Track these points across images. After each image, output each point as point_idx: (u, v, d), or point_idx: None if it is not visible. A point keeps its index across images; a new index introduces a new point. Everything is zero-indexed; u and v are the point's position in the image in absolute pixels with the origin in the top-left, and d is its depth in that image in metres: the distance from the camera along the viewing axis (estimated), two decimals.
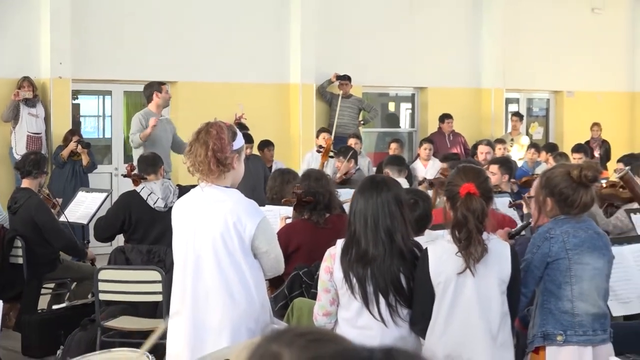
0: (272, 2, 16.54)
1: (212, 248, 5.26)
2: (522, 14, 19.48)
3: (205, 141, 5.21)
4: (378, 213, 5.02)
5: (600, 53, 20.74)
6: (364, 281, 5.01)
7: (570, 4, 20.29)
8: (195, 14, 15.64)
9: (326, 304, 5.20)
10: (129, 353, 4.63)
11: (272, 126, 15.71)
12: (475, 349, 4.99)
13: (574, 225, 5.24)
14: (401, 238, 5.05)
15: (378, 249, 5.00)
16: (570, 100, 20.74)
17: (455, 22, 18.81)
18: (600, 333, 5.21)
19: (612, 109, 20.89)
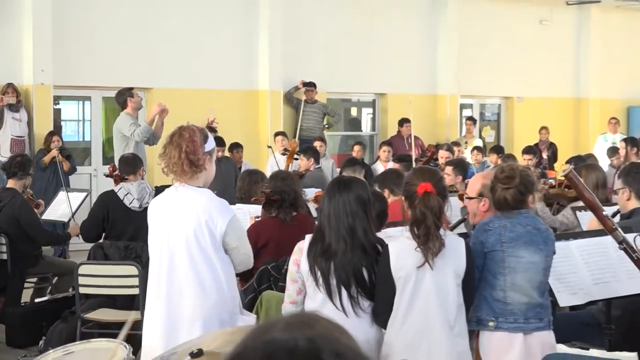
0: (242, 13, 16.53)
1: (186, 244, 5.26)
2: (476, 25, 19.55)
3: (179, 144, 5.21)
4: (339, 211, 5.05)
5: (547, 62, 20.84)
6: (327, 274, 5.03)
7: (520, 16, 20.38)
8: (169, 24, 15.61)
9: (293, 293, 5.22)
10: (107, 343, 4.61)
11: (242, 130, 15.70)
12: (433, 338, 5.01)
13: (513, 220, 5.27)
14: (362, 234, 5.06)
15: (340, 244, 5.02)
16: (520, 106, 20.84)
17: (413, 33, 18.84)
18: (533, 322, 5.23)
19: (559, 114, 21.01)
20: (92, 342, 4.75)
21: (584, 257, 6.24)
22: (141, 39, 15.33)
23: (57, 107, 15.25)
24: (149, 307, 5.43)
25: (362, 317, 5.07)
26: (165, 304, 5.30)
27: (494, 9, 19.93)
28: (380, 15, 18.22)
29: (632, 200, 6.69)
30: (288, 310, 5.20)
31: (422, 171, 5.38)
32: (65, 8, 14.45)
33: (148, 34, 15.40)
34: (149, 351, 5.22)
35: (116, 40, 15.04)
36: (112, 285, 7.82)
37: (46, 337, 8.14)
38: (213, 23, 16.15)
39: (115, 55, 15.00)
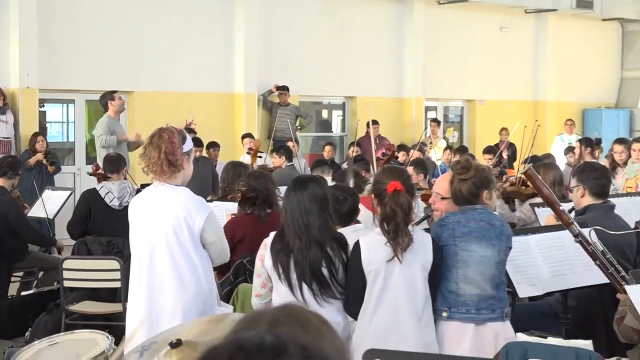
0: (219, 20, 16.54)
1: (165, 240, 5.26)
2: (440, 33, 19.61)
3: (158, 145, 5.21)
4: (295, 210, 5.06)
5: (507, 66, 20.95)
6: (287, 269, 5.04)
7: (482, 23, 20.46)
8: (149, 30, 15.60)
9: (257, 287, 5.24)
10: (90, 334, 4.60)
11: (219, 131, 15.68)
12: (402, 329, 5.01)
13: (467, 216, 5.26)
14: (318, 231, 5.07)
15: (296, 241, 5.03)
16: (481, 108, 20.93)
17: (381, 40, 18.89)
18: (485, 313, 5.22)
19: (518, 116, 21.01)
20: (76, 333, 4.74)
21: (542, 250, 6.27)
22: (123, 45, 15.30)
23: (42, 110, 15.21)
24: (131, 299, 5.42)
25: (326, 307, 5.06)
26: (146, 296, 5.29)
27: (457, 17, 20.02)
28: (350, 22, 18.25)
29: (586, 197, 6.73)
30: (254, 303, 5.25)
31: (391, 170, 5.38)
32: (50, 15, 14.40)
33: (129, 39, 15.37)
34: (132, 341, 5.20)
35: (99, 45, 15.00)
36: (95, 279, 7.81)
37: (32, 329, 8.12)
38: (191, 29, 16.14)
39: (98, 60, 14.96)
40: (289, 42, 17.34)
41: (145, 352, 3.54)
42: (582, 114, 22.46)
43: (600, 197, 6.80)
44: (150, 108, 15.13)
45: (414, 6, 19.10)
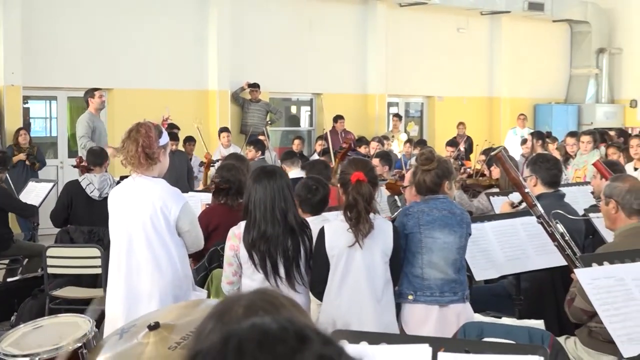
0: (193, 21, 16.52)
1: (143, 228, 5.24)
2: (402, 33, 19.65)
3: (136, 139, 5.19)
4: (275, 197, 5.03)
5: (464, 65, 21.03)
6: (265, 257, 5.02)
7: (440, 24, 20.52)
8: (128, 30, 15.57)
9: (229, 274, 5.22)
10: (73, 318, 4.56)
11: (194, 126, 15.63)
12: (363, 309, 5.03)
13: (430, 205, 5.30)
14: (293, 217, 5.08)
15: (275, 228, 5.02)
16: (440, 104, 21.01)
17: (346, 39, 18.90)
18: (448, 295, 5.27)
19: (474, 111, 21.21)
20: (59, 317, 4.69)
21: (497, 236, 6.31)
22: (102, 44, 15.25)
23: (26, 106, 15.13)
24: (110, 285, 5.40)
25: (300, 293, 5.07)
26: (125, 282, 5.28)
27: (417, 19, 20.07)
28: (317, 24, 18.27)
29: (538, 186, 6.76)
30: (226, 290, 5.23)
31: (356, 161, 5.40)
32: (33, 17, 14.33)
33: (109, 39, 15.33)
34: (111, 324, 5.18)
35: (79, 45, 14.94)
36: (77, 265, 7.77)
37: (17, 313, 8.08)
38: (168, 30, 16.12)
39: (79, 59, 14.91)
40: (260, 43, 17.33)
41: (124, 334, 3.53)
42: (534, 108, 22.60)
43: (552, 186, 6.84)
44: (129, 104, 15.08)
45: (377, 8, 19.13)
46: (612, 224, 5.61)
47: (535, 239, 6.18)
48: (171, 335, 3.31)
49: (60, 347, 4.09)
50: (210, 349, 1.01)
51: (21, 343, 4.15)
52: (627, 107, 23.21)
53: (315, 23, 18.23)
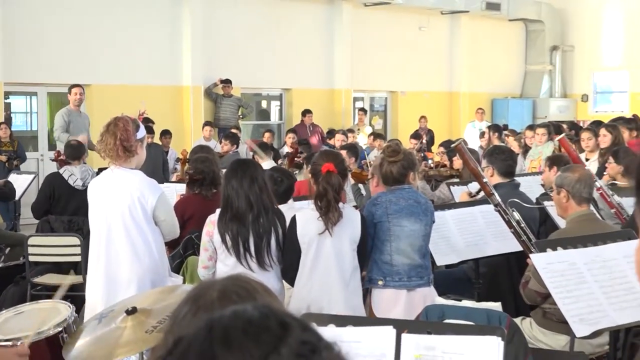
0: (168, 20, 16.44)
1: (121, 217, 5.24)
2: (367, 31, 19.65)
3: (114, 132, 5.19)
4: (249, 185, 5.04)
5: (426, 61, 21.08)
6: (236, 237, 5.04)
7: (403, 23, 20.54)
8: (105, 29, 15.47)
9: (205, 259, 5.22)
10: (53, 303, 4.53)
11: (169, 120, 15.59)
12: (332, 293, 5.04)
13: (397, 195, 5.33)
14: (269, 203, 5.10)
15: (247, 210, 5.04)
16: (403, 98, 21.04)
17: (314, 37, 18.87)
18: (415, 280, 5.30)
19: (435, 105, 21.28)
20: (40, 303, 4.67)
21: (457, 224, 6.34)
22: (81, 42, 15.14)
23: (7, 101, 15.02)
24: (90, 271, 5.39)
25: (267, 274, 5.08)
26: (104, 268, 5.27)
27: (381, 18, 20.07)
28: (286, 22, 18.24)
29: (495, 176, 6.81)
30: (201, 274, 5.24)
31: (327, 153, 5.43)
32: (14, 15, 14.21)
33: (87, 37, 15.22)
34: (92, 309, 5.17)
35: (59, 42, 14.82)
36: (58, 253, 7.73)
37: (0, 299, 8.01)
38: (143, 29, 16.03)
39: (58, 56, 14.79)
40: (232, 40, 17.28)
41: (103, 319, 3.52)
42: (491, 103, 22.70)
43: (507, 176, 6.89)
44: (107, 99, 15.02)
45: (343, 8, 19.13)
46: (564, 211, 5.67)
47: (492, 226, 6.23)
48: (148, 319, 3.30)
49: (41, 332, 4.07)
50: (195, 337, 1.01)
51: (3, 328, 4.12)
52: (579, 102, 23.37)
53: (284, 22, 18.20)
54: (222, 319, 1.03)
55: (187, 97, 16.71)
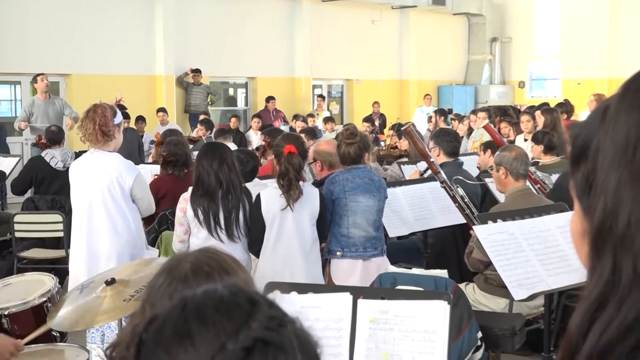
0: (143, 14, 16.30)
1: (101, 196, 5.21)
2: (325, 23, 19.60)
3: (93, 118, 5.17)
4: (220, 166, 5.03)
5: (378, 52, 21.09)
6: (207, 211, 5.02)
7: (357, 17, 20.51)
8: (86, 22, 15.32)
9: (180, 234, 5.19)
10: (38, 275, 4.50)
11: (143, 107, 15.46)
12: (294, 264, 5.05)
13: (353, 173, 5.34)
14: (236, 179, 5.08)
15: (217, 187, 5.02)
16: (358, 86, 21.05)
17: (276, 30, 18.81)
18: (370, 250, 5.33)
19: (387, 92, 21.31)
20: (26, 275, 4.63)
21: (407, 199, 6.37)
22: (63, 35, 14.97)
23: None
24: (73, 246, 5.35)
25: (237, 244, 5.09)
26: (86, 243, 5.24)
27: (337, 12, 20.03)
28: (251, 16, 18.15)
29: (441, 156, 6.83)
30: (177, 247, 5.21)
31: (289, 136, 5.44)
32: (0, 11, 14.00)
33: (69, 30, 15.05)
34: (74, 280, 5.15)
35: (41, 34, 14.63)
36: (42, 230, 7.66)
37: None
38: (120, 23, 15.88)
39: (40, 47, 14.61)
40: (201, 33, 17.18)
41: (84, 289, 3.49)
42: (438, 89, 22.78)
43: (452, 156, 6.92)
44: (86, 88, 14.88)
45: (302, 3, 19.07)
46: (503, 187, 5.71)
47: (439, 201, 6.26)
48: (126, 289, 3.28)
49: (27, 302, 4.04)
50: (170, 315, 1.00)
51: None
52: (516, 88, 23.54)
53: (249, 16, 18.12)
54: (194, 298, 1.02)
55: (161, 85, 16.60)
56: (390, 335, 3.08)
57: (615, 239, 1.09)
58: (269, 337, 0.97)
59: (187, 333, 0.97)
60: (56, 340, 3.95)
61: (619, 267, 1.09)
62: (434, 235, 6.50)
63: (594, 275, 1.12)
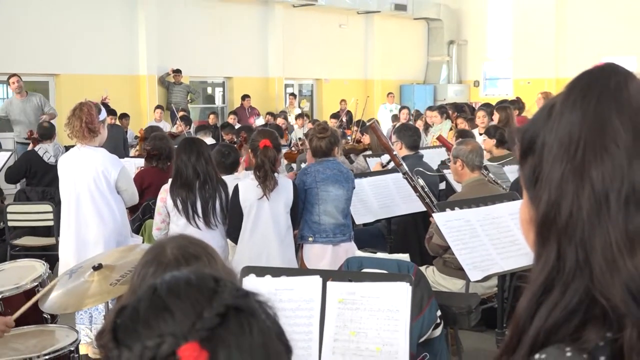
0: (127, 19, 16.16)
1: (88, 188, 5.18)
2: (296, 27, 19.56)
3: (80, 116, 5.14)
4: (197, 159, 5.02)
5: (345, 53, 21.05)
6: (186, 201, 5.02)
7: (326, 21, 20.47)
8: (74, 25, 15.15)
9: (158, 222, 5.19)
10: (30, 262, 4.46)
11: (127, 104, 15.35)
12: (270, 249, 5.05)
13: (324, 165, 5.35)
14: (213, 171, 5.09)
15: (194, 179, 5.02)
16: (326, 85, 21.04)
17: (251, 33, 18.74)
18: (339, 237, 5.35)
19: (353, 90, 21.26)
20: (19, 262, 4.58)
21: (372, 189, 6.38)
22: (51, 37, 14.78)
23: None
24: (62, 234, 5.32)
25: (214, 231, 5.08)
26: (75, 231, 5.21)
27: (308, 16, 19.97)
28: (228, 20, 18.08)
29: (403, 149, 6.86)
30: (155, 234, 5.21)
31: (264, 131, 5.43)
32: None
33: (57, 33, 14.87)
34: (64, 266, 5.12)
35: (30, 36, 14.44)
36: (33, 219, 7.59)
37: None
38: (105, 25, 15.74)
39: (31, 49, 14.42)
40: (181, 36, 17.08)
41: (73, 274, 3.46)
42: (400, 88, 22.82)
43: (413, 149, 6.95)
44: (74, 87, 14.75)
45: (275, 9, 19.02)
46: (460, 177, 5.74)
47: (401, 191, 6.28)
48: (112, 274, 3.26)
49: (19, 286, 4.00)
50: (142, 297, 1.01)
51: None
52: (471, 87, 23.66)
53: (226, 20, 18.03)
54: (162, 281, 1.04)
55: (144, 84, 16.48)
56: (357, 315, 3.09)
57: (559, 229, 1.10)
58: (240, 304, 0.99)
59: (164, 306, 0.97)
60: (47, 321, 3.92)
61: (563, 255, 1.10)
62: (397, 222, 6.53)
63: (540, 262, 1.13)
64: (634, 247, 1.06)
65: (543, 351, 1.08)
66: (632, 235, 1.06)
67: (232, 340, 0.95)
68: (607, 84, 1.11)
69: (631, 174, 1.06)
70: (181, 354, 0.92)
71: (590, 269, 1.07)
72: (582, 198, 1.08)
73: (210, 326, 0.95)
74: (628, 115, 1.08)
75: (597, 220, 1.07)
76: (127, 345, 0.95)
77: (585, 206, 1.07)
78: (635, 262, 1.05)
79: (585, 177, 1.07)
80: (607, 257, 1.06)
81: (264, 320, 1.00)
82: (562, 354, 1.06)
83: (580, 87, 1.13)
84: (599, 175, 1.06)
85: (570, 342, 1.07)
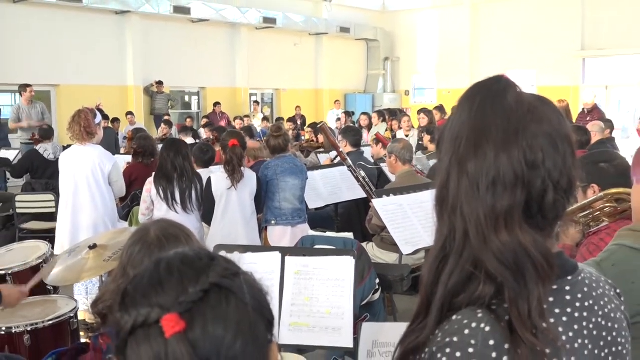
0: (116, 37, 15.89)
1: (86, 179, 5.14)
2: (260, 46, 19.46)
3: (79, 122, 5.13)
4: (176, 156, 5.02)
5: (299, 68, 20.99)
6: (166, 189, 5.01)
7: (283, 40, 20.36)
8: (71, 42, 14.88)
9: (144, 209, 5.17)
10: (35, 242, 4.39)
11: (118, 110, 15.12)
12: (237, 230, 5.05)
13: (282, 160, 5.38)
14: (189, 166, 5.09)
15: (173, 172, 5.02)
16: (284, 94, 20.96)
17: (221, 50, 18.59)
18: (297, 219, 5.37)
19: (306, 98, 21.29)
20: (26, 243, 4.51)
21: (322, 180, 6.40)
22: (52, 53, 14.49)
23: None
24: (60, 219, 5.27)
25: (190, 215, 5.05)
26: (71, 216, 5.16)
27: (268, 36, 19.83)
28: (202, 38, 17.91)
29: (347, 147, 6.88)
30: (141, 219, 5.19)
31: (232, 133, 5.44)
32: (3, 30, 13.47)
33: (56, 49, 14.58)
34: (60, 247, 5.08)
35: (38, 53, 14.15)
36: (38, 207, 7.47)
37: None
38: (99, 43, 15.48)
39: (35, 63, 14.13)
40: (163, 52, 16.89)
41: (72, 253, 3.40)
42: (345, 96, 22.84)
43: (356, 147, 6.98)
44: (72, 96, 14.52)
45: (241, 30, 18.88)
46: (394, 170, 5.79)
47: (347, 181, 6.31)
48: (105, 252, 3.22)
49: (27, 263, 3.94)
50: (147, 269, 1.01)
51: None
52: (403, 95, 23.81)
53: (200, 39, 17.86)
54: (166, 256, 1.03)
55: (131, 93, 16.26)
56: (310, 284, 3.10)
57: (449, 207, 1.14)
58: (223, 283, 0.97)
59: (159, 280, 0.97)
60: (50, 292, 3.87)
61: (453, 229, 1.12)
62: (343, 207, 6.55)
63: (437, 235, 1.16)
64: (499, 223, 1.08)
65: (459, 312, 1.09)
66: (498, 213, 1.09)
67: (209, 314, 0.94)
68: (489, 92, 1.14)
69: (497, 163, 1.09)
70: (163, 323, 0.92)
71: (470, 241, 1.09)
72: (461, 182, 1.12)
73: (192, 300, 0.94)
74: (502, 118, 1.12)
75: (472, 200, 1.10)
76: (127, 311, 0.95)
77: (463, 188, 1.11)
78: (501, 237, 1.08)
79: (463, 166, 1.12)
80: (478, 231, 1.09)
81: (245, 296, 0.98)
82: (474, 315, 1.08)
83: (470, 94, 1.17)
84: (472, 165, 1.11)
85: (480, 305, 1.08)
